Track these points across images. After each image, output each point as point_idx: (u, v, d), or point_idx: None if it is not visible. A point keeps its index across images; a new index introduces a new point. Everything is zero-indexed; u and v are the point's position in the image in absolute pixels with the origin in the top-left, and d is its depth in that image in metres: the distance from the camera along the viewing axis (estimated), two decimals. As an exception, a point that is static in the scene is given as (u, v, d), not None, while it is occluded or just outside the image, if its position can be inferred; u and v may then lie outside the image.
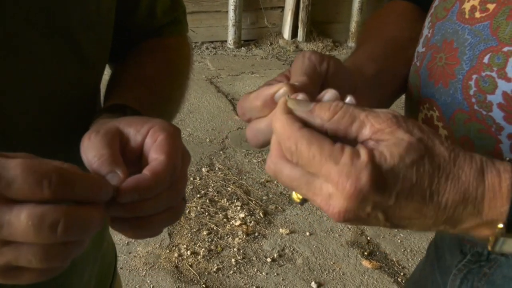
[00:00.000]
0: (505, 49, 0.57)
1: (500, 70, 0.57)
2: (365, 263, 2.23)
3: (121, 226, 0.47)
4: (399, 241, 2.38)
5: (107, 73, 0.69)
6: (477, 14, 0.60)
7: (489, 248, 0.46)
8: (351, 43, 4.86)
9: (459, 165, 0.44)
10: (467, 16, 0.62)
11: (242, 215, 2.45)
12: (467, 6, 0.62)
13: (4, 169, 0.36)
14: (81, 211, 0.39)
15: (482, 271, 0.72)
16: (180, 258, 2.19)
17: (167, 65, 0.72)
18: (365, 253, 2.29)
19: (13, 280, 0.40)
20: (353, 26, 4.81)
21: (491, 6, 0.59)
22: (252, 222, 2.42)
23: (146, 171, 0.46)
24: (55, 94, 0.59)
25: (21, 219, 0.36)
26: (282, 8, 4.68)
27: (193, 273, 2.12)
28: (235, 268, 2.16)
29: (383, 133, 0.43)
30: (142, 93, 0.63)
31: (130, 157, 0.49)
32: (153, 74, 0.69)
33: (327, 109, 0.44)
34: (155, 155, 0.47)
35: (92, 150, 0.47)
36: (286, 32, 4.68)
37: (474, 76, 0.59)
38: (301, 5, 4.55)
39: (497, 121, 0.58)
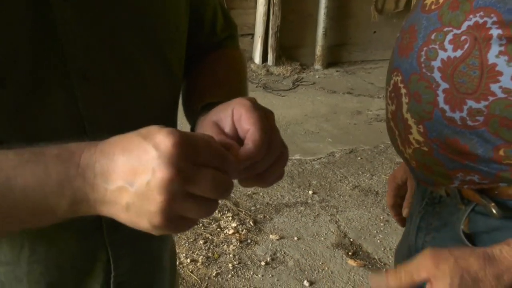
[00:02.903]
0: (445, 29, 0.81)
1: (440, 44, 0.80)
2: (351, 262, 2.43)
3: (245, 183, 0.58)
4: (379, 241, 2.60)
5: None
6: (433, 6, 0.84)
7: None
8: (317, 66, 5.16)
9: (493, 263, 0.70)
10: (427, 8, 0.86)
11: (234, 225, 2.62)
12: (428, 2, 0.86)
13: (193, 142, 0.47)
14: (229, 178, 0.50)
15: (435, 210, 0.94)
16: (180, 266, 2.34)
17: (233, 70, 0.80)
18: (350, 253, 2.49)
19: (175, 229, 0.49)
20: (318, 49, 5.11)
21: (441, 0, 0.83)
22: (244, 230, 2.59)
23: (248, 142, 0.54)
24: (147, 106, 0.65)
25: (208, 180, 0.47)
26: (252, 35, 4.94)
27: (195, 279, 2.27)
28: (232, 272, 2.32)
29: (432, 273, 0.70)
30: (224, 92, 0.70)
31: (233, 138, 0.57)
32: (226, 77, 0.76)
33: (395, 277, 0.72)
34: (247, 127, 0.55)
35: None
36: (257, 57, 4.92)
37: (424, 48, 0.83)
38: (270, 32, 4.82)
39: (437, 80, 0.80)
